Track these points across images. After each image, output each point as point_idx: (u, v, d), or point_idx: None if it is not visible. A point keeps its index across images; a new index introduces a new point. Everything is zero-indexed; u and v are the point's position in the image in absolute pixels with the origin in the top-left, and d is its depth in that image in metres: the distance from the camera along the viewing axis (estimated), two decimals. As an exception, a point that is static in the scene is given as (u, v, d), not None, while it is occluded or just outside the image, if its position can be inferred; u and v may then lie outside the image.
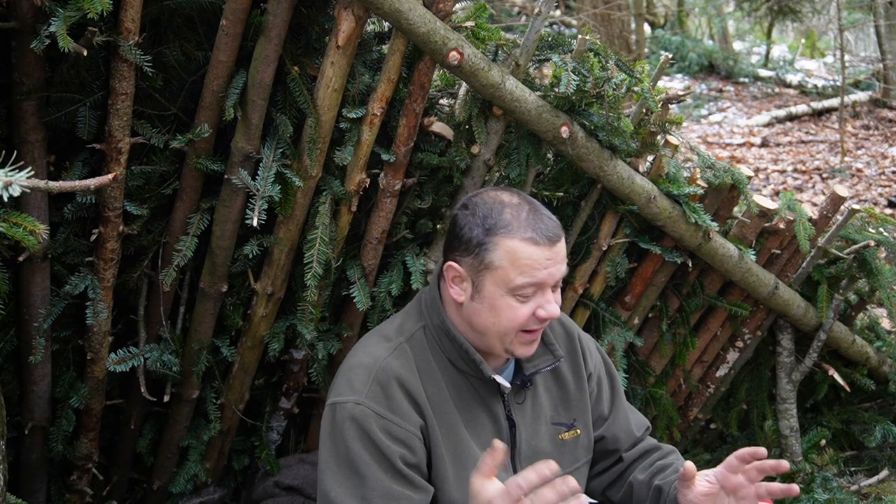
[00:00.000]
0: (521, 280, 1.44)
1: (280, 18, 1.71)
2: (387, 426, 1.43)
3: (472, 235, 1.46)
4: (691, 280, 2.48)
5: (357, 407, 1.44)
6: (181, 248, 1.88)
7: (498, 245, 1.44)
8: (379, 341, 1.56)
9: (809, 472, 2.62)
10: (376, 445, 1.42)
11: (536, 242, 1.44)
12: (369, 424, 1.42)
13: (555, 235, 1.46)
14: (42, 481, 2.03)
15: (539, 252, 1.44)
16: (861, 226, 2.60)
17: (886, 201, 5.93)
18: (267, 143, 1.83)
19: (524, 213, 1.46)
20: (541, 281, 1.45)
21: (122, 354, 1.90)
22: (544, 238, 1.44)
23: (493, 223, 1.45)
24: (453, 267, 1.50)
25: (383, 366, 1.49)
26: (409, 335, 1.56)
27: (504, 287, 1.45)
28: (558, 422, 1.65)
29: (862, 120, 8.27)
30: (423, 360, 1.53)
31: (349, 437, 1.43)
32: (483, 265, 1.46)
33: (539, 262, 1.44)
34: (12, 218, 1.33)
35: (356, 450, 1.42)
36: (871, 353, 2.80)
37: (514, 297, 1.45)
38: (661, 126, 2.17)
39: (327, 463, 1.45)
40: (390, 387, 1.46)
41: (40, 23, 1.53)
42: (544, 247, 1.44)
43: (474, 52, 1.81)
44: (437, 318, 1.55)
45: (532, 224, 1.45)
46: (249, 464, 2.27)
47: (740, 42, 13.00)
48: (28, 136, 1.67)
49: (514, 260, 1.43)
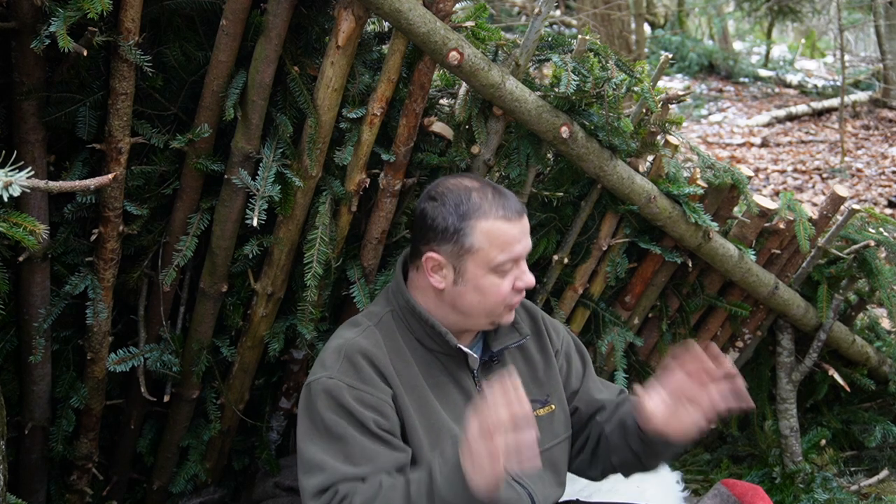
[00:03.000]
0: (502, 257, 1.52)
1: (280, 18, 1.71)
2: (358, 395, 1.48)
3: (447, 224, 1.53)
4: (691, 280, 2.48)
5: (329, 380, 1.49)
6: (181, 248, 1.88)
7: (475, 228, 1.52)
8: (349, 327, 1.63)
9: (809, 472, 2.62)
10: (350, 413, 1.46)
11: (509, 219, 1.53)
12: (341, 394, 1.47)
13: (521, 209, 1.57)
14: (42, 481, 2.03)
15: (512, 227, 1.53)
16: (861, 226, 2.60)
17: (886, 201, 5.93)
18: (267, 143, 1.83)
19: (490, 195, 1.55)
20: (518, 255, 1.55)
21: (122, 354, 1.90)
22: (514, 213, 1.54)
23: (465, 209, 1.53)
24: (432, 257, 1.56)
25: (351, 344, 1.55)
26: (378, 319, 1.62)
27: (486, 267, 1.53)
28: (531, 399, 1.66)
29: (862, 120, 8.26)
30: (391, 340, 1.59)
31: (323, 408, 1.47)
32: (464, 250, 1.53)
33: (514, 236, 1.54)
34: (12, 218, 1.33)
35: (332, 418, 1.46)
36: (871, 353, 2.80)
37: (495, 274, 1.54)
38: (661, 126, 2.17)
39: (306, 435, 1.49)
40: (358, 361, 1.52)
41: (40, 23, 1.53)
42: (515, 221, 1.54)
43: (474, 52, 1.81)
44: (402, 300, 1.61)
45: (501, 203, 1.54)
46: (249, 464, 2.27)
47: (740, 42, 13.00)
48: (28, 136, 1.67)
49: (493, 239, 1.52)
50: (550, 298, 2.35)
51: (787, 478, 2.63)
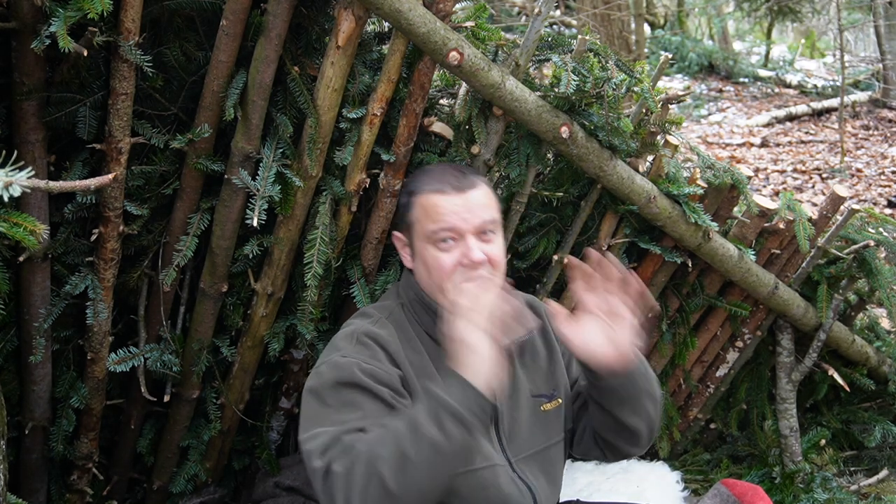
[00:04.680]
0: (433, 227, 1.56)
1: (280, 18, 1.71)
2: (371, 370, 1.46)
3: (401, 202, 1.67)
4: (691, 280, 2.48)
5: (342, 359, 1.47)
6: (181, 248, 1.88)
7: (415, 203, 1.60)
8: (360, 318, 1.64)
9: (809, 472, 2.62)
10: (363, 386, 1.42)
11: (443, 192, 1.57)
12: (353, 370, 1.44)
13: (463, 185, 1.58)
14: (42, 481, 2.03)
15: (447, 200, 1.56)
16: (861, 226, 2.60)
17: (886, 201, 5.93)
18: (267, 143, 1.83)
19: (436, 172, 1.63)
20: (452, 226, 1.55)
21: (123, 354, 1.90)
22: (450, 187, 1.57)
23: (412, 186, 1.63)
24: (397, 236, 1.68)
25: (363, 329, 1.55)
26: (389, 312, 1.63)
27: (425, 239, 1.57)
28: (539, 394, 1.68)
29: (862, 120, 8.26)
30: (402, 332, 1.60)
31: (334, 383, 1.43)
32: (410, 226, 1.62)
33: (446, 208, 1.56)
34: (12, 218, 1.33)
35: (344, 391, 1.42)
36: (871, 353, 2.80)
37: (434, 246, 1.56)
38: (660, 126, 2.17)
39: (313, 413, 1.43)
40: (369, 343, 1.52)
41: (40, 23, 1.53)
42: (451, 195, 1.57)
43: (474, 52, 1.81)
44: (412, 293, 1.64)
45: (440, 178, 1.60)
46: (249, 464, 2.28)
47: (740, 42, 12.99)
48: (28, 136, 1.67)
49: (425, 211, 1.58)
50: (550, 298, 2.35)
51: (787, 478, 2.63)
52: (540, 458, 1.66)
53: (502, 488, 1.55)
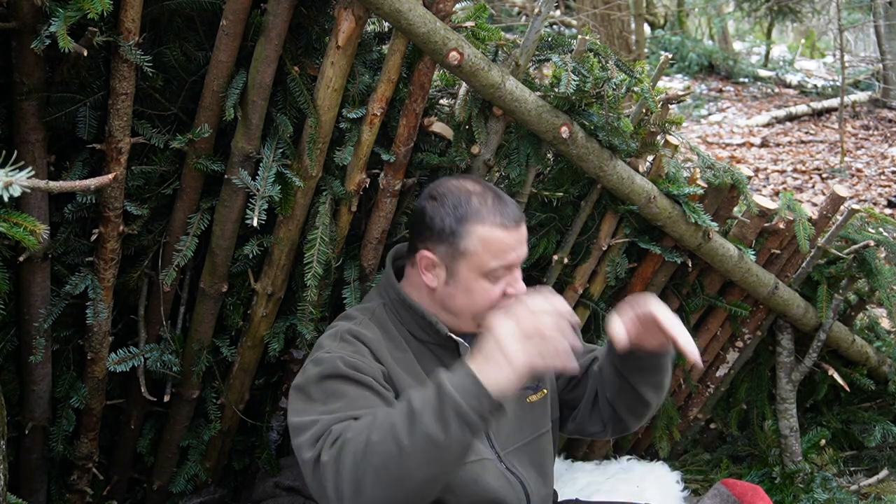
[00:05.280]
0: (495, 263, 1.53)
1: (280, 18, 1.71)
2: (354, 363, 1.45)
3: (444, 225, 1.55)
4: (691, 280, 2.48)
5: (326, 355, 1.47)
6: (181, 248, 1.88)
7: (471, 233, 1.53)
8: (343, 320, 1.64)
9: (809, 472, 2.62)
10: (347, 377, 1.42)
11: (506, 227, 1.54)
12: (336, 363, 1.44)
13: (519, 217, 1.57)
14: (42, 481, 2.03)
15: (509, 236, 1.54)
16: (861, 226, 2.60)
17: (886, 201, 5.93)
18: (267, 143, 1.83)
19: (490, 200, 1.55)
20: (511, 263, 1.55)
21: (123, 354, 1.90)
22: (512, 221, 1.55)
23: (464, 212, 1.54)
24: (426, 256, 1.58)
25: (347, 329, 1.55)
26: (371, 312, 1.63)
27: (478, 271, 1.54)
28: (524, 386, 1.65)
29: (862, 120, 8.26)
30: (385, 331, 1.60)
31: (319, 377, 1.43)
32: (458, 252, 1.54)
33: (510, 244, 1.54)
34: (12, 218, 1.33)
35: (328, 383, 1.42)
36: (871, 353, 2.80)
37: (486, 279, 1.55)
38: (660, 126, 2.17)
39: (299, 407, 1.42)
40: (352, 340, 1.53)
41: (40, 23, 1.53)
42: (513, 230, 1.54)
43: (474, 52, 1.81)
44: (393, 293, 1.63)
45: (499, 210, 1.55)
46: (249, 464, 2.28)
47: (740, 42, 12.99)
48: (28, 136, 1.67)
49: (487, 245, 1.53)
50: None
51: (787, 478, 2.63)
52: (528, 450, 1.67)
53: (492, 482, 1.55)
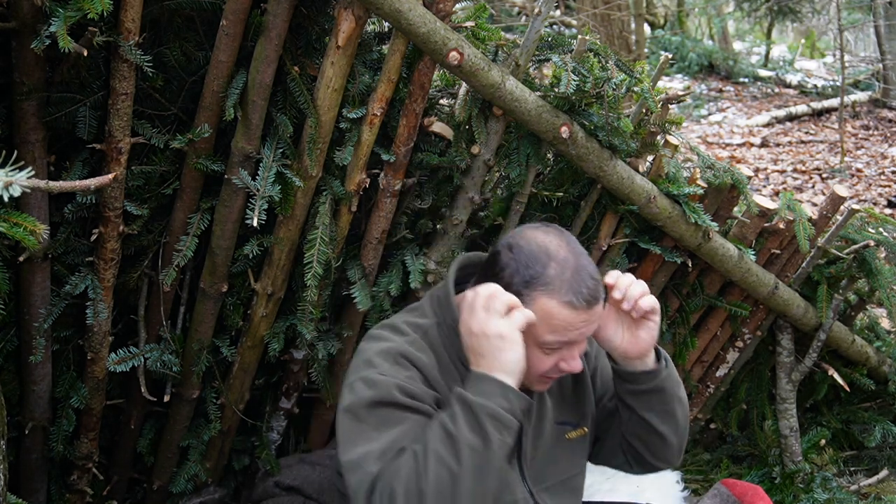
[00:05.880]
0: (552, 338, 1.43)
1: (280, 18, 1.71)
2: (411, 391, 1.39)
3: (511, 281, 1.43)
4: (691, 280, 2.48)
5: (380, 378, 1.39)
6: (181, 248, 1.88)
7: (535, 300, 1.41)
8: (392, 332, 1.52)
9: (809, 472, 2.62)
10: (402, 404, 1.37)
11: (574, 307, 1.41)
12: (391, 390, 1.38)
13: (594, 297, 1.43)
14: (42, 481, 2.03)
15: (575, 316, 1.41)
16: (861, 226, 2.60)
17: (886, 201, 5.93)
18: (267, 143, 1.83)
19: (569, 273, 1.42)
20: (570, 340, 1.45)
21: (123, 354, 1.90)
22: (583, 302, 1.41)
23: (533, 275, 1.42)
24: None
25: (400, 349, 1.45)
26: (424, 331, 1.52)
27: (532, 340, 1.43)
28: (563, 421, 1.64)
29: (862, 120, 8.26)
30: (438, 356, 1.51)
31: (374, 399, 1.37)
32: None
33: (573, 325, 1.42)
34: (12, 218, 1.32)
35: (384, 410, 1.36)
36: (871, 353, 2.80)
37: (540, 349, 1.45)
38: (660, 126, 2.17)
39: (351, 431, 1.37)
40: (406, 364, 1.44)
41: (40, 23, 1.53)
42: (582, 311, 1.41)
43: (474, 52, 1.81)
44: (449, 317, 1.51)
45: (574, 286, 1.41)
46: (249, 464, 2.28)
47: (740, 42, 12.99)
48: (28, 136, 1.67)
49: (548, 319, 1.41)
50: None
51: (787, 478, 2.64)
52: (562, 489, 1.61)
53: None
